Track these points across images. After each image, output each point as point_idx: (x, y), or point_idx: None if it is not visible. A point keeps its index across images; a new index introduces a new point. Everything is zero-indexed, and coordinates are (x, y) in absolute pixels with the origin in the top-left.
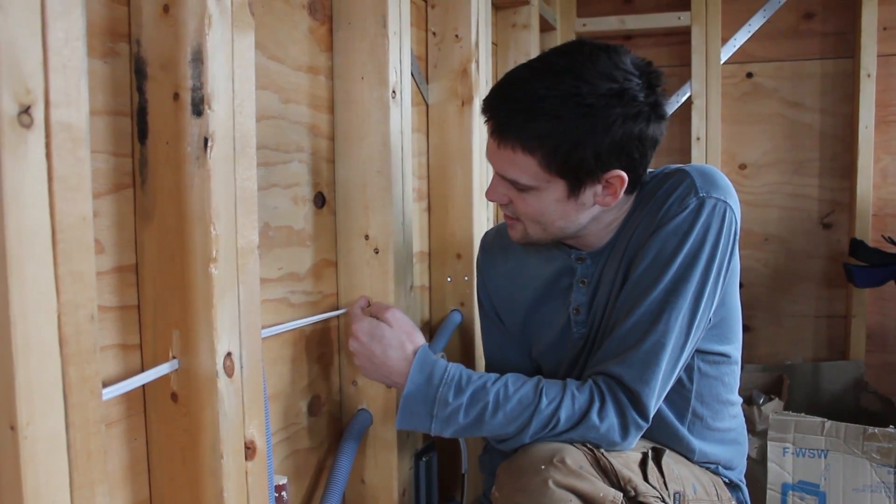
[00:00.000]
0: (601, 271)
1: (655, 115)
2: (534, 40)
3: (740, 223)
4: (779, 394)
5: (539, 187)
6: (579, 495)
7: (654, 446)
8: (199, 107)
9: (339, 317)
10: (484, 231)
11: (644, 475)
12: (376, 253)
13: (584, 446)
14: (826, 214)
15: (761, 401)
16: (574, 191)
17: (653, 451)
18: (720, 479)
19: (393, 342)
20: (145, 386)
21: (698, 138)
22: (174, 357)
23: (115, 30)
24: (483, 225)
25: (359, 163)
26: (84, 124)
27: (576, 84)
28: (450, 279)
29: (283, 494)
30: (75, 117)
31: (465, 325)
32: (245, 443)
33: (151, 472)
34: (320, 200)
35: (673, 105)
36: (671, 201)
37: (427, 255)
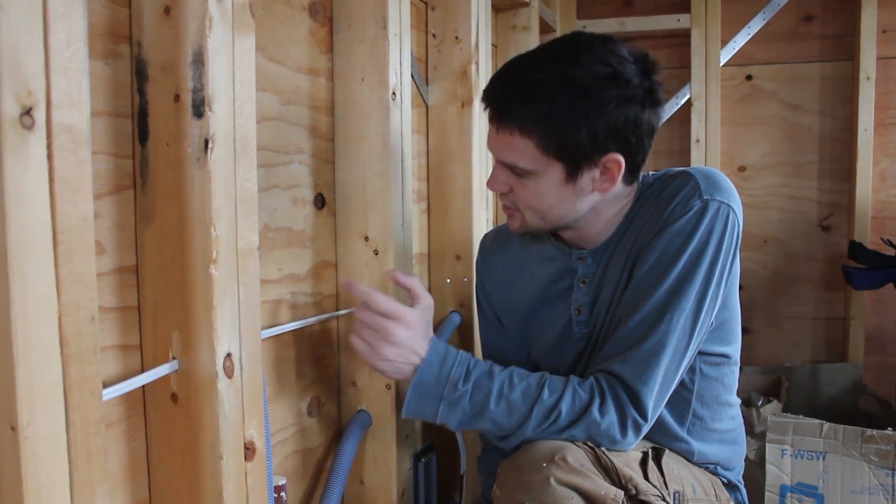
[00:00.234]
0: (604, 270)
1: (650, 100)
2: (533, 42)
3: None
4: (777, 396)
5: (537, 171)
6: (581, 493)
7: (653, 446)
8: (199, 108)
9: (338, 318)
10: (483, 232)
11: (644, 474)
12: (376, 254)
13: (585, 445)
14: (825, 217)
15: (760, 403)
16: (572, 175)
17: (653, 450)
18: (719, 479)
19: (421, 325)
20: (145, 387)
21: (698, 140)
22: (174, 358)
23: (116, 31)
24: (482, 226)
25: (359, 164)
26: (85, 126)
27: (571, 68)
28: (449, 280)
29: (283, 495)
30: (76, 119)
31: (464, 327)
32: (245, 443)
33: (151, 472)
34: (320, 202)
35: (672, 107)
36: (675, 203)
37: (426, 256)
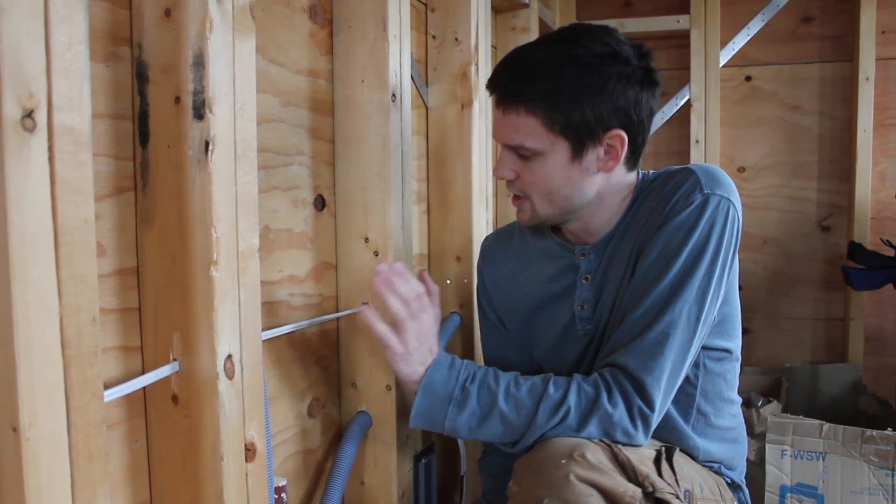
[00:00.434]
0: (606, 266)
1: (648, 80)
2: None
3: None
4: (777, 396)
5: (544, 151)
6: (600, 490)
7: (665, 445)
8: (200, 110)
9: (338, 319)
10: (483, 233)
11: (658, 472)
12: (376, 255)
13: (601, 442)
14: (824, 217)
15: (760, 403)
16: (577, 152)
17: (665, 449)
18: (723, 479)
19: (437, 327)
20: (146, 388)
21: (697, 141)
22: (175, 359)
23: (117, 34)
24: (482, 227)
25: (359, 165)
26: (86, 128)
27: (572, 48)
28: (449, 281)
29: (283, 496)
30: (78, 121)
31: (464, 328)
32: (245, 444)
33: (152, 473)
34: (320, 203)
35: (672, 108)
36: (677, 198)
37: (427, 257)
